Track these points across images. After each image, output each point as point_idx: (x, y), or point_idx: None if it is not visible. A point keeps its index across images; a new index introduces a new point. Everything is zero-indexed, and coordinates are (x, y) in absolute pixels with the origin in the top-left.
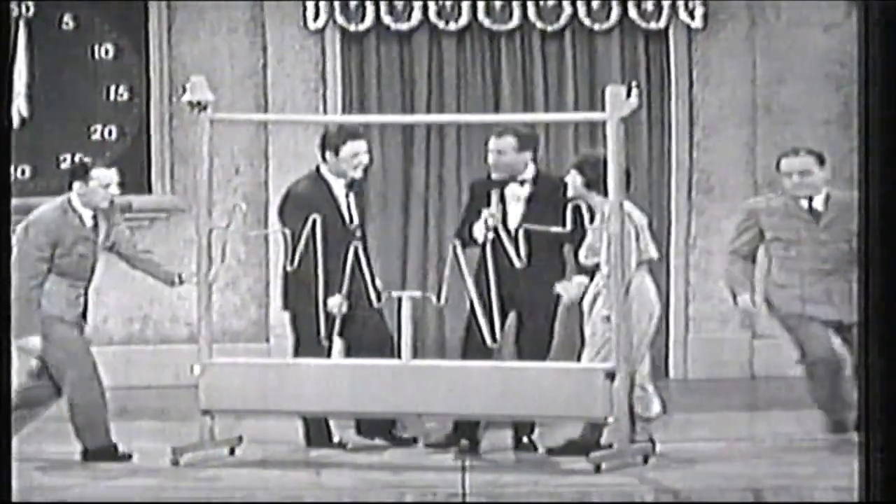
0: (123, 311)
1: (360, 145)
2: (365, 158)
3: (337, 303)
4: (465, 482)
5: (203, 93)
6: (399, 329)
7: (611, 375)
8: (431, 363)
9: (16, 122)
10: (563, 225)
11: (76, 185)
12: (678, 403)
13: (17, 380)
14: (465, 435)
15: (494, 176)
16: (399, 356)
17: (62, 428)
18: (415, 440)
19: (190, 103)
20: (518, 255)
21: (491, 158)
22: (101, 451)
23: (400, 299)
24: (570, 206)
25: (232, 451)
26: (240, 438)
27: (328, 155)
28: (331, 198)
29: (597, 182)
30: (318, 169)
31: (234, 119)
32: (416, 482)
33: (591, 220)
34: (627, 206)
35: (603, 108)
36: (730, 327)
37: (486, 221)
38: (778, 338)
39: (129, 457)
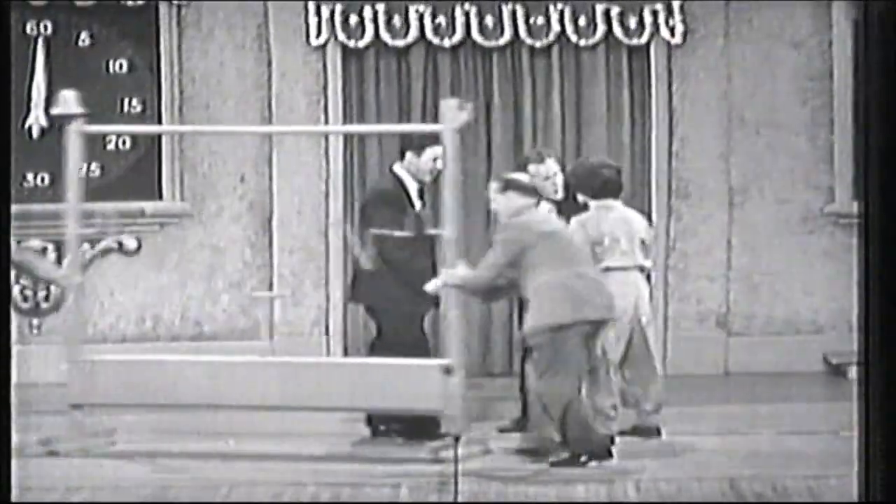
0: (135, 311)
1: (439, 150)
2: (440, 164)
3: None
4: (458, 473)
5: (71, 106)
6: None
7: (447, 370)
8: (284, 360)
9: (35, 133)
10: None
11: None
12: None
13: None
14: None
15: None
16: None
17: None
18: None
19: (59, 116)
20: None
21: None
22: None
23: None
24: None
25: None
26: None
27: (409, 155)
28: (407, 197)
29: (578, 186)
30: (391, 169)
31: (105, 131)
32: (410, 473)
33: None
34: (629, 212)
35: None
36: (706, 326)
37: None
38: (751, 336)
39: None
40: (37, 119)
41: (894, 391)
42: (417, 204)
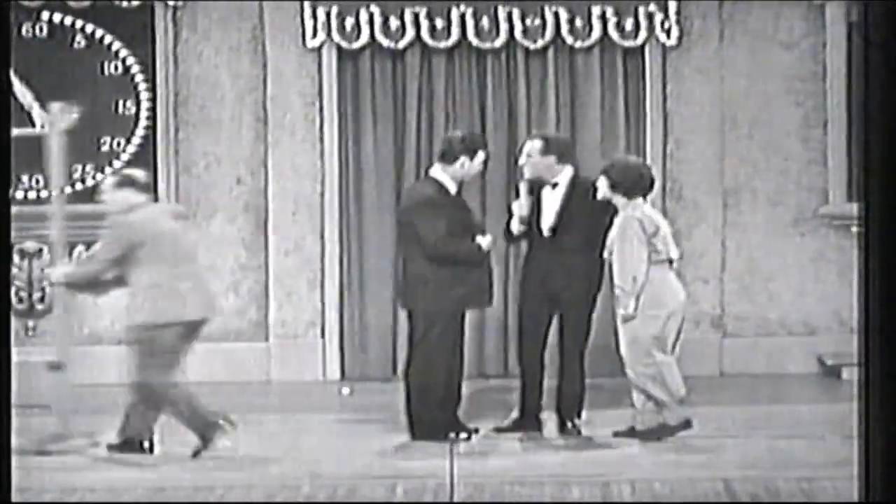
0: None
1: (484, 154)
2: (481, 167)
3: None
4: (454, 470)
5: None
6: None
7: (55, 367)
8: None
9: (38, 129)
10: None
11: None
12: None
13: None
14: (529, 421)
15: (527, 177)
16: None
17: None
18: (476, 430)
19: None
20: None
21: (521, 160)
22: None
23: None
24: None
25: None
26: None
27: (463, 159)
28: (448, 198)
29: (620, 185)
30: (427, 174)
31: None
32: (406, 473)
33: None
34: (647, 209)
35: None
36: (700, 328)
37: (513, 214)
38: (746, 337)
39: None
40: (44, 120)
41: (894, 391)
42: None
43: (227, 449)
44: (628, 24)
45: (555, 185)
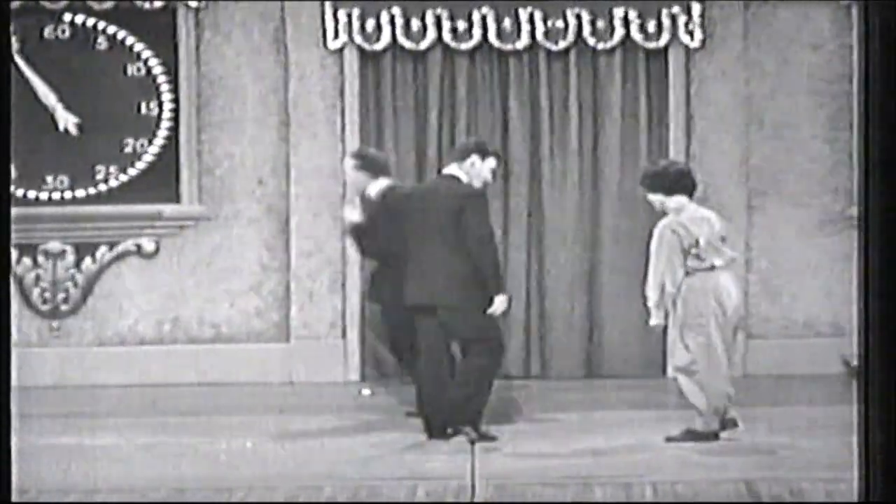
0: (153, 314)
1: (494, 161)
2: (490, 175)
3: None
4: (475, 471)
5: None
6: None
7: None
8: None
9: (63, 127)
10: None
11: None
12: (678, 401)
13: None
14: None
15: (349, 189)
16: None
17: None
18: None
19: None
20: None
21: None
22: None
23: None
24: None
25: None
26: None
27: (474, 157)
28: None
29: (655, 186)
30: (441, 171)
31: None
32: (427, 474)
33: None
34: (703, 210)
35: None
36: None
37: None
38: (770, 338)
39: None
40: (66, 121)
41: (894, 391)
42: None
43: (248, 450)
44: (651, 26)
45: (367, 195)
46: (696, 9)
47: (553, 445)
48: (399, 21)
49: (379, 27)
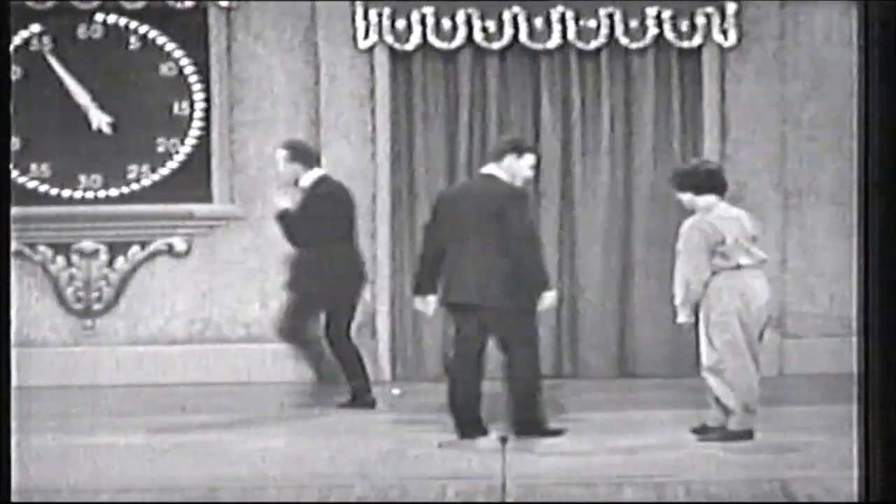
0: (185, 313)
1: (532, 158)
2: (530, 172)
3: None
4: (506, 471)
5: None
6: None
7: None
8: None
9: (97, 127)
10: None
11: None
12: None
13: None
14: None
15: (280, 180)
16: None
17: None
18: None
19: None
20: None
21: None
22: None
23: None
24: None
25: None
26: None
27: (510, 158)
28: None
29: (686, 186)
30: (478, 173)
31: None
32: (457, 474)
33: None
34: (733, 210)
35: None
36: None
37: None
38: (806, 337)
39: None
40: (100, 120)
41: (894, 391)
42: None
43: (280, 448)
44: (684, 26)
45: (300, 186)
46: (730, 8)
47: (584, 445)
48: (430, 21)
49: (409, 27)
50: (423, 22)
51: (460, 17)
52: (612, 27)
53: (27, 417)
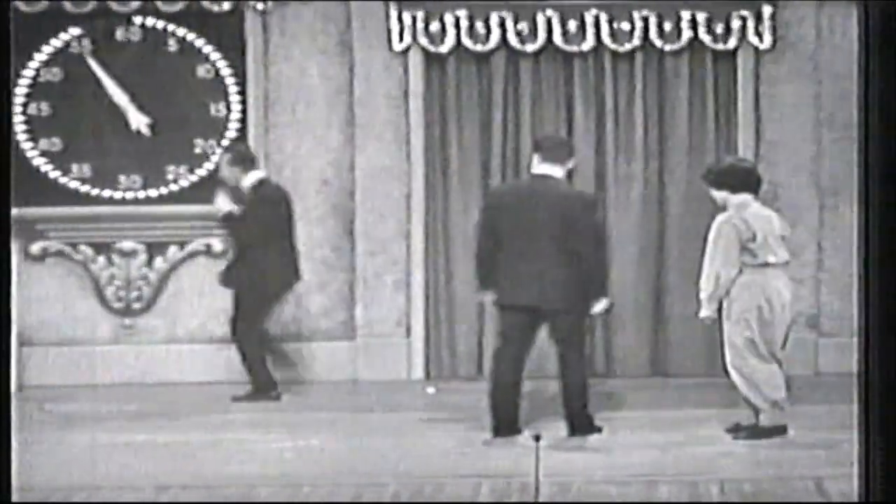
0: (223, 313)
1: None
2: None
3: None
4: (539, 469)
5: None
6: None
7: None
8: None
9: (136, 128)
10: None
11: None
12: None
13: None
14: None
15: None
16: None
17: None
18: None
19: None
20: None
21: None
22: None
23: None
24: None
25: None
26: None
27: (571, 161)
28: None
29: (721, 184)
30: (540, 175)
31: None
32: (491, 472)
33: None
34: (765, 209)
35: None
36: (796, 327)
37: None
38: (842, 337)
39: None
40: (139, 122)
41: (894, 391)
42: None
43: (314, 447)
44: (719, 28)
45: (242, 188)
46: (766, 11)
47: (618, 443)
48: (464, 23)
49: (443, 29)
50: (457, 24)
51: (494, 19)
52: (646, 30)
53: (68, 416)
